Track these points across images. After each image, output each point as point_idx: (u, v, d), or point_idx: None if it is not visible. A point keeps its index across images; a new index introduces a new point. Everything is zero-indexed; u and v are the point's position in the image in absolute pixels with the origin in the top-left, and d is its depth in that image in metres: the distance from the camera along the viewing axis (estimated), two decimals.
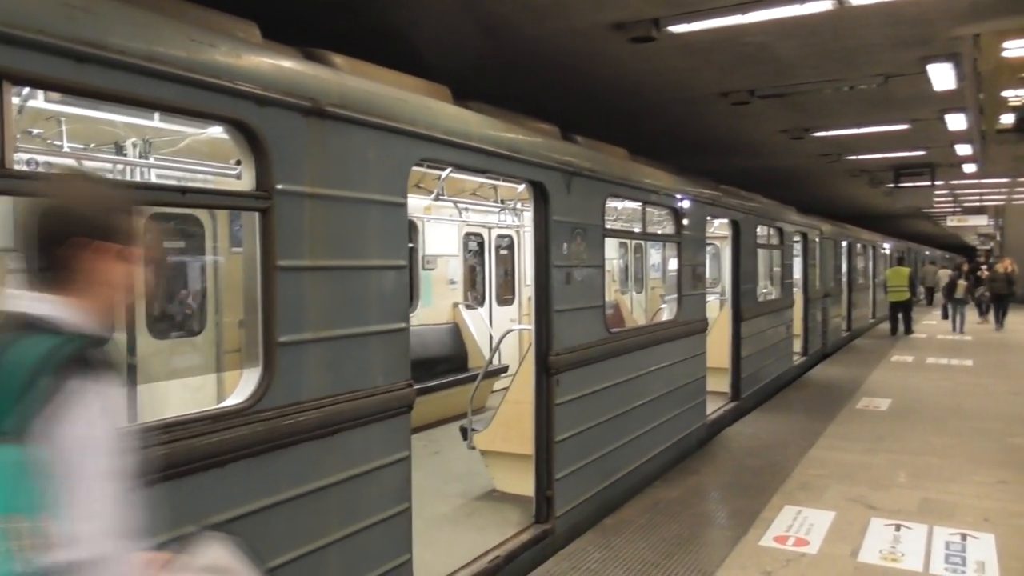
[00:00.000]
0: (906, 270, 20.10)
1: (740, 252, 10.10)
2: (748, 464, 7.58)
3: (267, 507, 3.22)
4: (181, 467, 2.82)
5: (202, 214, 6.41)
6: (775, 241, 12.23)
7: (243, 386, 3.19)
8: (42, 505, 1.40)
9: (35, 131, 4.77)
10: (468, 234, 10.85)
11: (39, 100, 4.19)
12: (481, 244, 11.22)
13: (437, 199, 8.37)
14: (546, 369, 5.38)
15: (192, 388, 6.16)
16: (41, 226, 1.60)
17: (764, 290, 12.31)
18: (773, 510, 6.09)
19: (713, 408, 9.25)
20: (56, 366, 1.46)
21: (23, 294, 1.59)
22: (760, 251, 11.43)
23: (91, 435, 1.46)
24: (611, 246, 12.37)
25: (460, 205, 9.62)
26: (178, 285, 6.47)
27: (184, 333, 6.47)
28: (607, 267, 6.42)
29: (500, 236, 11.55)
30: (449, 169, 6.68)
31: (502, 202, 10.16)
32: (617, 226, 9.92)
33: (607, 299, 6.69)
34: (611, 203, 6.88)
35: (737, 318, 10.07)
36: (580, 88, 9.05)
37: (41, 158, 4.78)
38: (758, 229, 11.08)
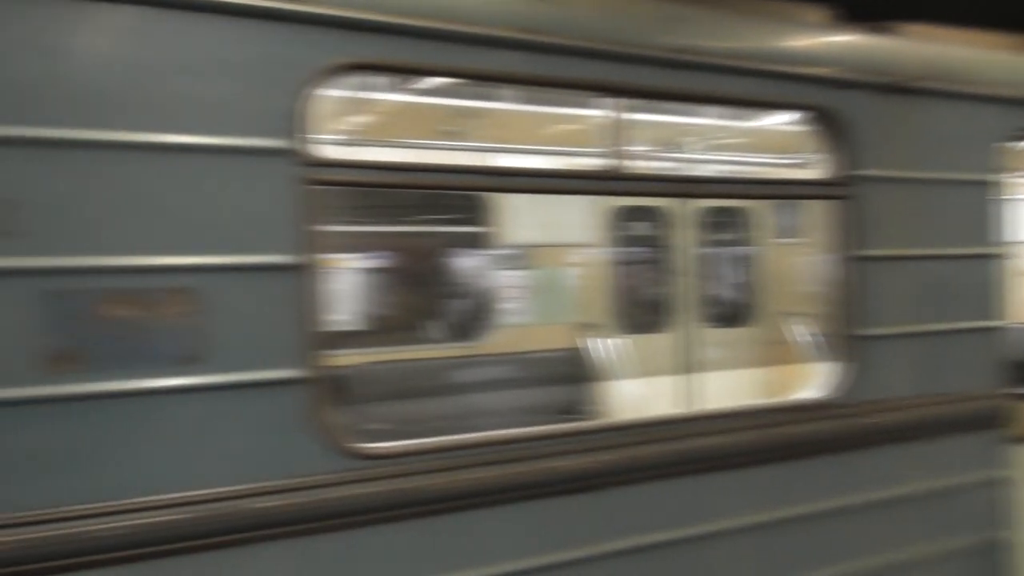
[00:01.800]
0: None
1: None
2: None
3: (842, 508, 3.11)
4: (763, 453, 2.90)
5: (748, 206, 6.54)
6: None
7: (823, 379, 3.15)
8: None
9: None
10: None
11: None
12: None
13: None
14: None
15: (747, 380, 6.29)
16: None
17: None
18: None
19: None
20: None
21: None
22: None
23: None
24: None
25: None
26: (727, 277, 6.73)
27: (731, 324, 6.68)
28: None
29: None
30: None
31: None
32: None
33: None
34: None
35: None
36: None
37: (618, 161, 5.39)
38: None
